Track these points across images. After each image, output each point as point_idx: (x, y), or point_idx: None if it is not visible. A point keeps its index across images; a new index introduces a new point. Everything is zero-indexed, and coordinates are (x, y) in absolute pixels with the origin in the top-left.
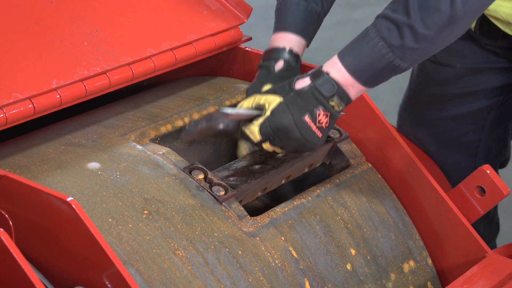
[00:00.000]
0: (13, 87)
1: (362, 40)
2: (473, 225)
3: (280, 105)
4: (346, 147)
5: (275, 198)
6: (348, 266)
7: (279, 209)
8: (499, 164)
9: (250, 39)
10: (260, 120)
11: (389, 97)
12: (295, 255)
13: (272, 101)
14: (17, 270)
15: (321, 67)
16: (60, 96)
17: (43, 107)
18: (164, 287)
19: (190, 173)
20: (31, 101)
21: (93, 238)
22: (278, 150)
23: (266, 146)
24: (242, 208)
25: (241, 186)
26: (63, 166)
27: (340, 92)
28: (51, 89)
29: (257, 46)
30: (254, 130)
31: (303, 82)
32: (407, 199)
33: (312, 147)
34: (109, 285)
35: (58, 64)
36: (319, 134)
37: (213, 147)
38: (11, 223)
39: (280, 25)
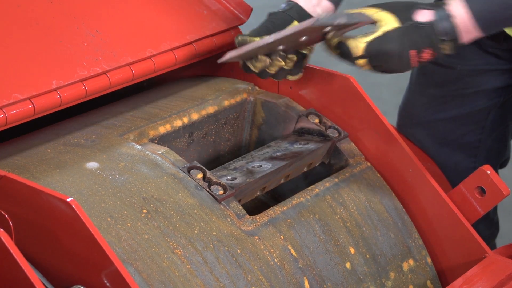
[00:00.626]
0: (13, 87)
1: None
2: (473, 225)
3: (396, 31)
4: (345, 146)
5: (274, 197)
6: (348, 265)
7: (278, 208)
8: (499, 164)
9: None
10: (370, 37)
11: (389, 97)
12: (294, 254)
13: (387, 22)
14: (17, 270)
15: (447, 3)
16: (60, 96)
17: (43, 107)
18: (163, 286)
19: (189, 172)
20: (31, 101)
21: (92, 237)
22: (367, 67)
23: (360, 62)
24: (241, 207)
25: (240, 185)
26: (62, 166)
27: (457, 39)
28: (51, 89)
29: None
30: (359, 46)
31: (424, 16)
32: (407, 200)
33: (401, 71)
34: (108, 284)
35: (58, 64)
36: (414, 64)
37: (212, 147)
38: (11, 223)
39: None
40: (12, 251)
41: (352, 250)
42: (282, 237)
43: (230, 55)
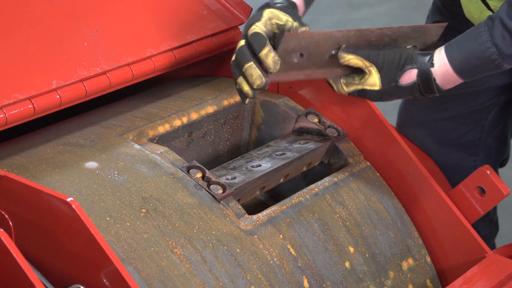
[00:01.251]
0: (13, 87)
1: (472, 41)
2: (473, 225)
3: (376, 92)
4: (344, 145)
5: (274, 196)
6: (347, 264)
7: (277, 208)
8: (499, 163)
9: None
10: (351, 89)
11: None
12: (293, 253)
13: (372, 81)
14: (17, 269)
15: (431, 62)
16: (60, 96)
17: (43, 107)
18: (162, 285)
19: (188, 171)
20: (31, 101)
21: (92, 237)
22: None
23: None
24: (240, 207)
25: (239, 184)
26: (61, 165)
27: (438, 90)
28: (51, 89)
29: None
30: (342, 92)
31: (409, 77)
32: (407, 199)
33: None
34: (107, 283)
35: (58, 64)
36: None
37: (211, 147)
38: (11, 223)
39: None
40: (12, 251)
41: (351, 249)
42: (281, 236)
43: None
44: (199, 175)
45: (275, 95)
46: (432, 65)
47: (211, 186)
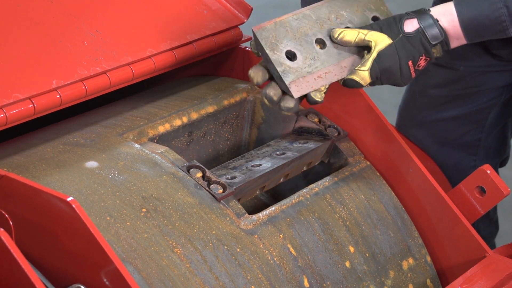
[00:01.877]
0: (13, 87)
1: (485, 0)
2: (473, 224)
3: (389, 47)
4: (344, 145)
5: (274, 196)
6: (347, 264)
7: (277, 207)
8: (499, 163)
9: (250, 39)
10: (369, 64)
11: (389, 97)
12: (293, 252)
13: (379, 41)
14: (17, 269)
15: (429, 10)
16: (60, 96)
17: (43, 107)
18: (162, 285)
19: (188, 171)
20: (31, 101)
21: (92, 236)
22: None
23: (366, 84)
24: (240, 206)
25: (239, 184)
26: (61, 165)
27: (444, 41)
28: (51, 89)
29: None
30: (365, 76)
31: (411, 25)
32: (407, 199)
33: (403, 85)
34: (107, 283)
35: (58, 64)
36: (413, 75)
37: (211, 146)
38: (11, 223)
39: None
40: (12, 250)
41: (351, 249)
42: (281, 236)
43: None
44: (199, 174)
45: None
46: (429, 10)
47: (211, 185)
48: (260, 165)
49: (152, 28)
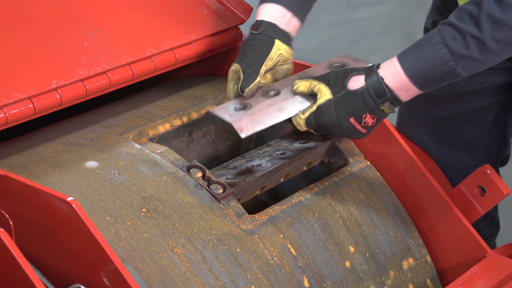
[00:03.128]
0: (13, 87)
1: (425, 44)
2: (473, 224)
3: (327, 103)
4: (344, 145)
5: (274, 196)
6: (347, 264)
7: (277, 207)
8: (499, 162)
9: None
10: (306, 114)
11: None
12: (293, 252)
13: (322, 95)
14: (17, 269)
15: (378, 67)
16: (60, 96)
17: (43, 107)
18: (163, 285)
19: (188, 171)
20: (31, 101)
21: (92, 236)
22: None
23: (311, 131)
24: (240, 206)
25: (240, 184)
26: (61, 165)
27: (392, 98)
28: (51, 89)
29: None
30: (300, 123)
31: (357, 82)
32: (407, 199)
33: (356, 138)
34: (107, 283)
35: (58, 64)
36: (363, 131)
37: (212, 146)
38: (11, 222)
39: None
40: (12, 250)
41: (351, 249)
42: (281, 236)
43: (250, 130)
44: (200, 174)
45: None
46: (378, 67)
47: (211, 185)
48: (260, 165)
49: (152, 28)
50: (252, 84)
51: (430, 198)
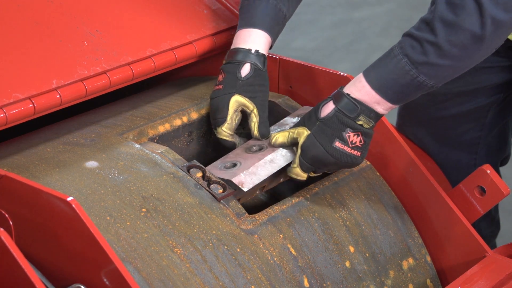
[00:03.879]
0: (13, 87)
1: (386, 57)
2: (474, 224)
3: (308, 138)
4: None
5: (274, 196)
6: (347, 264)
7: (277, 207)
8: (499, 162)
9: None
10: (297, 161)
11: None
12: (293, 252)
13: (301, 136)
14: (17, 269)
15: (342, 88)
16: (60, 96)
17: (43, 107)
18: (163, 285)
19: (188, 171)
20: (31, 100)
21: (92, 236)
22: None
23: (315, 174)
24: (240, 206)
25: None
26: (61, 165)
27: (365, 110)
28: (51, 89)
29: None
30: (298, 172)
31: (327, 108)
32: (407, 199)
33: (355, 164)
34: (107, 283)
35: (58, 64)
36: (356, 153)
37: (211, 146)
38: (11, 222)
39: (247, 22)
40: (12, 250)
41: (351, 249)
42: (281, 235)
43: (250, 184)
44: (199, 174)
45: (275, 95)
46: (343, 87)
47: (211, 185)
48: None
49: (152, 28)
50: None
51: (430, 198)
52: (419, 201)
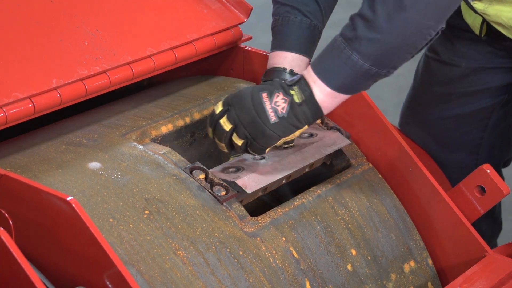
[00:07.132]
0: (13, 87)
1: (329, 44)
2: (474, 223)
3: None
4: (347, 147)
5: (276, 198)
6: (349, 267)
7: (279, 209)
8: (502, 163)
9: (250, 38)
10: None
11: (390, 97)
12: (295, 255)
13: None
14: (17, 269)
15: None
16: (60, 95)
17: (43, 106)
18: (165, 287)
19: (191, 173)
20: (31, 100)
21: (93, 238)
22: (236, 140)
23: (222, 120)
24: (243, 208)
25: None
26: (64, 165)
27: (302, 84)
28: (51, 88)
29: (257, 45)
30: (218, 103)
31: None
32: (407, 199)
33: (262, 129)
34: (110, 286)
35: (58, 63)
36: (272, 116)
37: (214, 147)
38: (11, 222)
39: (281, 44)
40: (12, 250)
41: (353, 252)
42: (283, 238)
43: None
44: (202, 176)
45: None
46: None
47: (214, 187)
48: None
49: (152, 27)
50: None
51: (430, 197)
52: (419, 201)
